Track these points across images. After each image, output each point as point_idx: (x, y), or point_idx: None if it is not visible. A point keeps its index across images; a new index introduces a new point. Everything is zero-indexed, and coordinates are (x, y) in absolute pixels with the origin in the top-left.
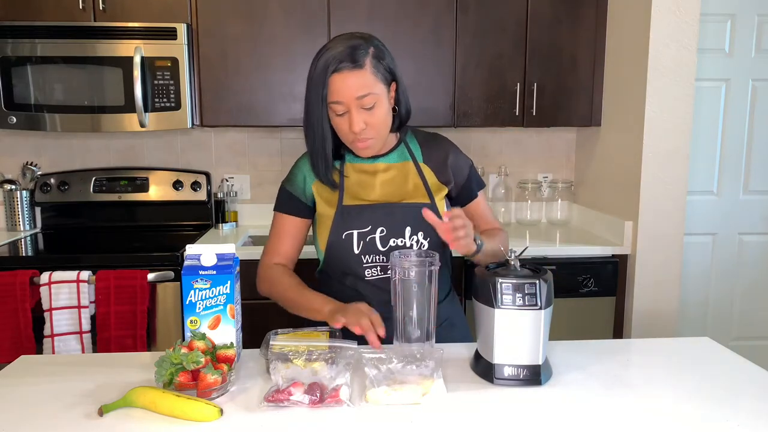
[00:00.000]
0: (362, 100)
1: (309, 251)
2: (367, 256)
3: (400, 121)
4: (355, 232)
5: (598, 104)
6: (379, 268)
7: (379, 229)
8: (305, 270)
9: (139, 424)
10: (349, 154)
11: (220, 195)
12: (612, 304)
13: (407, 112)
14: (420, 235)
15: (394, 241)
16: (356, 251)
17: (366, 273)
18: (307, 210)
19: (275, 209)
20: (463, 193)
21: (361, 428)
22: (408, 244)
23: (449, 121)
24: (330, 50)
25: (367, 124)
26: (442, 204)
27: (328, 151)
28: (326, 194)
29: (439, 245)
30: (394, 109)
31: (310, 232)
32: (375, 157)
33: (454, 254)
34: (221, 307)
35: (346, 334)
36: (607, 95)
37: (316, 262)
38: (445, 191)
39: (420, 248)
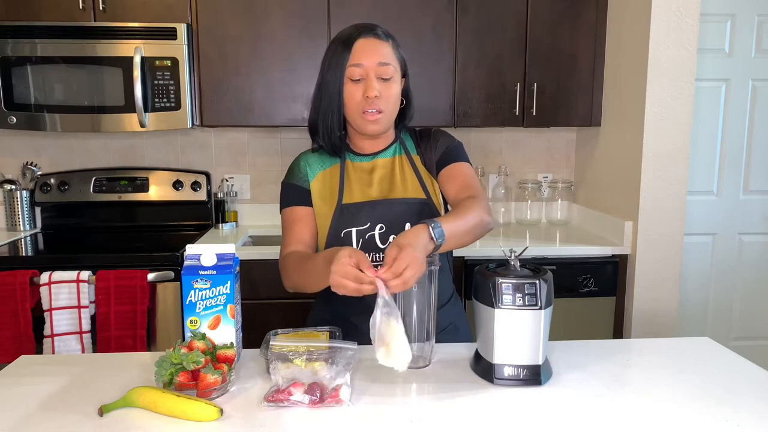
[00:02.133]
0: (382, 68)
1: None
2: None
3: (403, 118)
4: (354, 230)
5: (598, 104)
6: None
7: (378, 226)
8: None
9: (139, 424)
10: (349, 154)
11: (220, 195)
12: (612, 304)
13: (412, 110)
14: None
15: (393, 238)
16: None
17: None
18: (311, 200)
19: (282, 208)
20: (442, 160)
21: (361, 428)
22: None
23: (449, 121)
24: (356, 25)
25: (381, 94)
26: (439, 198)
27: (340, 113)
28: (324, 192)
29: None
30: (401, 102)
31: None
32: (372, 155)
33: (453, 254)
34: (221, 307)
35: (346, 334)
36: (607, 95)
37: None
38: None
39: None
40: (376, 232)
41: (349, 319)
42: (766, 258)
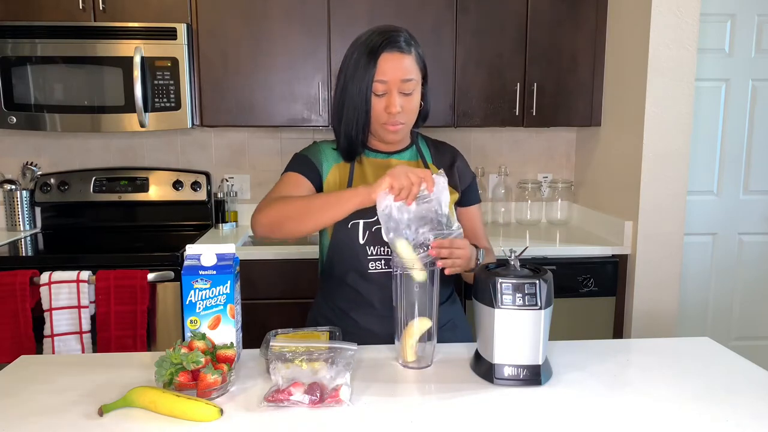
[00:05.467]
0: (405, 84)
1: (312, 251)
2: (372, 248)
3: (421, 119)
4: (361, 222)
5: (598, 104)
6: (383, 261)
7: None
8: (308, 270)
9: (139, 424)
10: (364, 149)
11: (220, 195)
12: (612, 304)
13: (427, 111)
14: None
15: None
16: (361, 241)
17: (370, 266)
18: (318, 179)
19: (286, 170)
20: (462, 200)
21: (361, 428)
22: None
23: (449, 121)
24: (381, 33)
25: (403, 108)
26: (450, 208)
27: (366, 125)
28: (336, 184)
29: None
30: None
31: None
32: (389, 153)
33: None
34: (221, 307)
35: (346, 329)
36: (607, 95)
37: (319, 263)
38: (456, 195)
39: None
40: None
41: (349, 314)
42: (766, 258)
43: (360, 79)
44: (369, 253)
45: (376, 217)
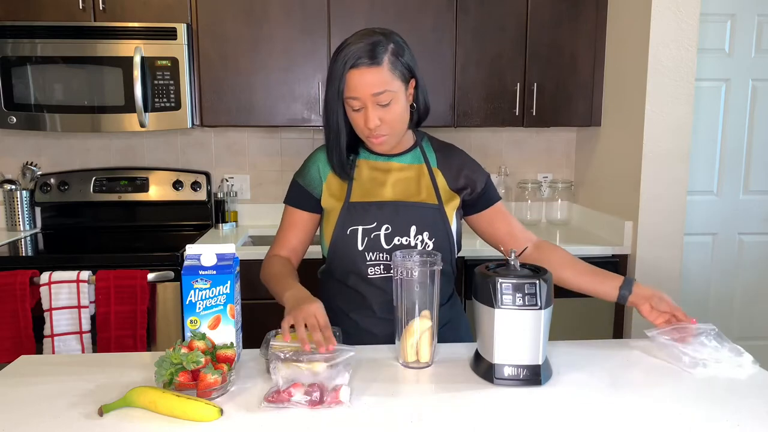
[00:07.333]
0: (378, 97)
1: (313, 251)
2: (370, 254)
3: (418, 119)
4: (360, 228)
5: (598, 104)
6: (382, 266)
7: (384, 227)
8: (308, 270)
9: (139, 424)
10: (363, 150)
11: (220, 195)
12: (612, 304)
13: (425, 109)
14: (425, 234)
15: (398, 240)
16: (360, 248)
17: (369, 271)
18: (316, 204)
19: (285, 201)
20: (480, 202)
21: (361, 429)
22: (412, 243)
23: (449, 121)
24: (349, 45)
25: (382, 120)
26: (451, 211)
27: (343, 144)
28: (335, 189)
29: (443, 246)
30: (411, 107)
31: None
32: (389, 156)
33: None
34: (221, 307)
35: (345, 330)
36: (607, 95)
37: (320, 261)
38: (457, 200)
39: (424, 248)
40: (382, 232)
41: (348, 315)
42: (766, 258)
43: (332, 96)
44: (368, 258)
45: (375, 224)
